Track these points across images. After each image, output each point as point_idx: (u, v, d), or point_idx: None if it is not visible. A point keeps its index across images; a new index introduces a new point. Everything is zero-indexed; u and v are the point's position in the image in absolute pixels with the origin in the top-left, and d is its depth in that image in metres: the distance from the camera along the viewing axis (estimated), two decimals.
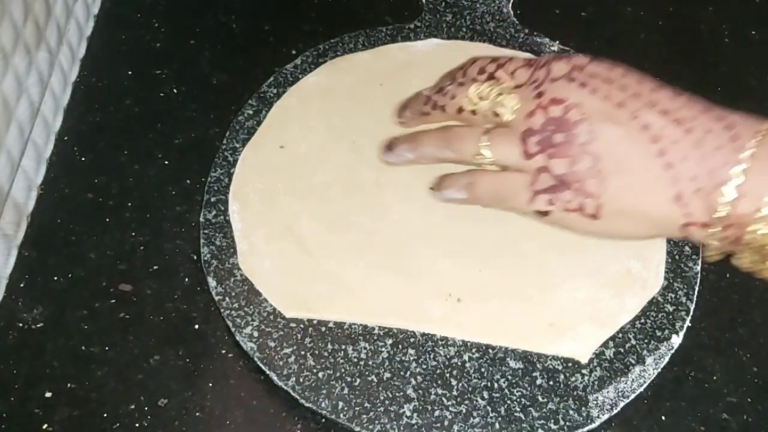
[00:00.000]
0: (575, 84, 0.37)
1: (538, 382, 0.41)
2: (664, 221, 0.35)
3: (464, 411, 0.39)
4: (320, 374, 0.40)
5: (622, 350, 0.42)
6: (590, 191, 0.36)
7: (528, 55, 0.54)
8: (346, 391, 0.40)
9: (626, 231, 0.37)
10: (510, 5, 0.58)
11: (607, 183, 0.36)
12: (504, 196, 0.39)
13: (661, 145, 0.34)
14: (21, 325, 0.42)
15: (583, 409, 0.40)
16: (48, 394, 0.40)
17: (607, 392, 0.40)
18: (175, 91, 0.52)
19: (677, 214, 0.35)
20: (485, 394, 0.40)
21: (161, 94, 0.52)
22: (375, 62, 0.53)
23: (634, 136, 0.35)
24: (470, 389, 0.40)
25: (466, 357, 0.41)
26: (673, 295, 0.44)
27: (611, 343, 0.42)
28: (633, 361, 0.41)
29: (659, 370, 0.41)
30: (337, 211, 0.46)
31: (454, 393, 0.40)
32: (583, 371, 0.41)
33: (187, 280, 0.44)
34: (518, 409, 0.40)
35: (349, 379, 0.40)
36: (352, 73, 0.52)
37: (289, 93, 0.51)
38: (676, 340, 0.42)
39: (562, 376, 0.41)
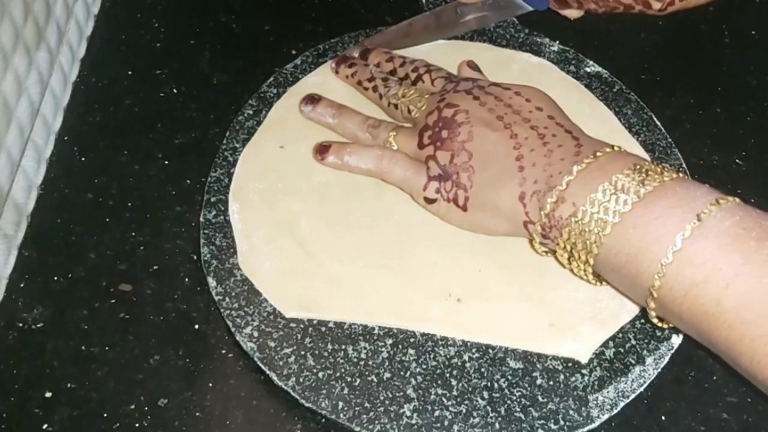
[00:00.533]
0: (471, 96, 0.44)
1: (538, 382, 0.41)
2: (512, 217, 0.40)
3: (464, 411, 0.39)
4: (320, 374, 0.40)
5: (622, 350, 0.42)
6: (463, 183, 0.42)
7: (528, 55, 0.54)
8: (346, 391, 0.40)
9: (486, 224, 0.42)
10: None
11: (475, 177, 0.41)
12: (408, 178, 0.44)
13: (521, 151, 0.40)
14: (21, 325, 0.42)
15: (583, 409, 0.40)
16: (48, 394, 0.40)
17: (607, 392, 0.40)
18: (175, 91, 0.52)
19: (520, 212, 0.40)
20: (485, 394, 0.40)
21: (161, 94, 0.52)
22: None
23: (503, 141, 0.41)
24: (470, 389, 0.40)
25: (466, 357, 0.41)
26: None
27: (611, 343, 0.42)
28: (633, 361, 0.41)
29: (659, 370, 0.41)
30: (337, 211, 0.46)
31: (454, 393, 0.40)
32: (583, 371, 0.41)
33: (187, 280, 0.44)
34: (518, 409, 0.40)
35: (349, 379, 0.40)
36: None
37: (289, 93, 0.51)
38: (676, 340, 0.42)
39: (562, 376, 0.41)
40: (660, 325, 0.37)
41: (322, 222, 0.45)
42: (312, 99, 0.49)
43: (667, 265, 0.34)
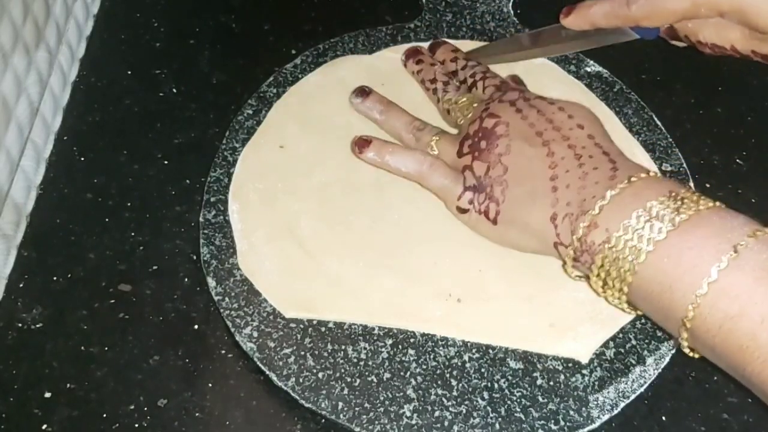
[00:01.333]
0: (514, 108, 0.43)
1: (539, 382, 0.40)
2: (542, 237, 0.40)
3: (464, 411, 0.39)
4: (320, 374, 0.40)
5: (622, 350, 0.42)
6: (495, 197, 0.41)
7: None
8: (346, 391, 0.40)
9: (515, 240, 0.42)
10: (510, 5, 0.58)
11: (508, 192, 0.41)
12: (446, 185, 0.44)
13: (557, 170, 0.40)
14: (20, 325, 0.42)
15: (584, 409, 0.40)
16: (47, 395, 0.40)
17: (608, 392, 0.40)
18: (174, 91, 0.52)
19: (551, 233, 0.39)
20: (485, 395, 0.40)
21: (161, 94, 0.52)
22: (375, 62, 0.53)
23: (539, 158, 0.41)
24: (470, 389, 0.40)
25: (466, 357, 0.41)
26: None
27: (612, 344, 0.42)
28: (633, 362, 0.41)
29: (660, 370, 0.41)
30: (337, 211, 0.46)
31: (454, 393, 0.40)
32: (584, 371, 0.41)
33: (186, 280, 0.44)
34: (518, 410, 0.39)
35: (349, 380, 0.40)
36: (352, 73, 0.52)
37: (289, 93, 0.51)
38: None
39: (562, 377, 0.41)
40: (692, 355, 0.36)
41: (322, 222, 0.45)
42: (363, 92, 0.49)
43: (701, 297, 0.33)
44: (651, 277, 0.35)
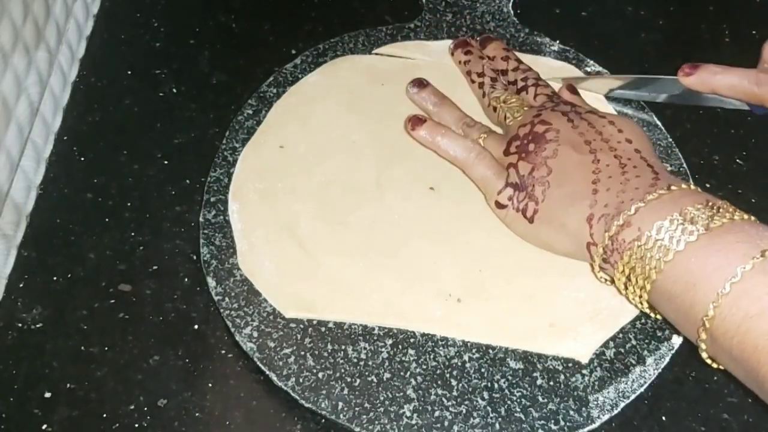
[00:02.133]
0: (565, 118, 0.44)
1: (539, 382, 0.40)
2: (577, 237, 0.40)
3: (464, 411, 0.39)
4: (320, 374, 0.40)
5: (622, 350, 0.42)
6: (536, 196, 0.42)
7: (531, 57, 0.54)
8: (345, 391, 0.40)
9: (550, 240, 0.42)
10: (510, 5, 0.58)
11: (548, 192, 0.41)
12: (488, 177, 0.45)
13: (599, 176, 0.41)
14: (20, 325, 0.42)
15: (584, 409, 0.40)
16: (47, 395, 0.40)
17: (608, 392, 0.40)
18: (174, 91, 0.52)
19: (586, 233, 0.40)
20: (485, 395, 0.40)
21: (161, 94, 0.52)
22: (376, 62, 0.53)
23: (585, 164, 0.41)
24: (470, 389, 0.40)
25: (466, 357, 0.41)
26: None
27: (612, 344, 0.42)
28: (633, 362, 0.41)
29: (660, 370, 0.41)
30: (337, 211, 0.46)
31: (454, 393, 0.40)
32: (584, 371, 0.41)
33: (186, 280, 0.44)
34: (518, 410, 0.39)
35: (349, 380, 0.40)
36: (352, 73, 0.52)
37: (289, 93, 0.51)
38: (677, 340, 0.42)
39: (562, 377, 0.41)
40: (710, 363, 0.36)
41: (322, 222, 0.45)
42: (420, 83, 0.50)
43: (723, 296, 0.33)
44: (676, 276, 0.35)
